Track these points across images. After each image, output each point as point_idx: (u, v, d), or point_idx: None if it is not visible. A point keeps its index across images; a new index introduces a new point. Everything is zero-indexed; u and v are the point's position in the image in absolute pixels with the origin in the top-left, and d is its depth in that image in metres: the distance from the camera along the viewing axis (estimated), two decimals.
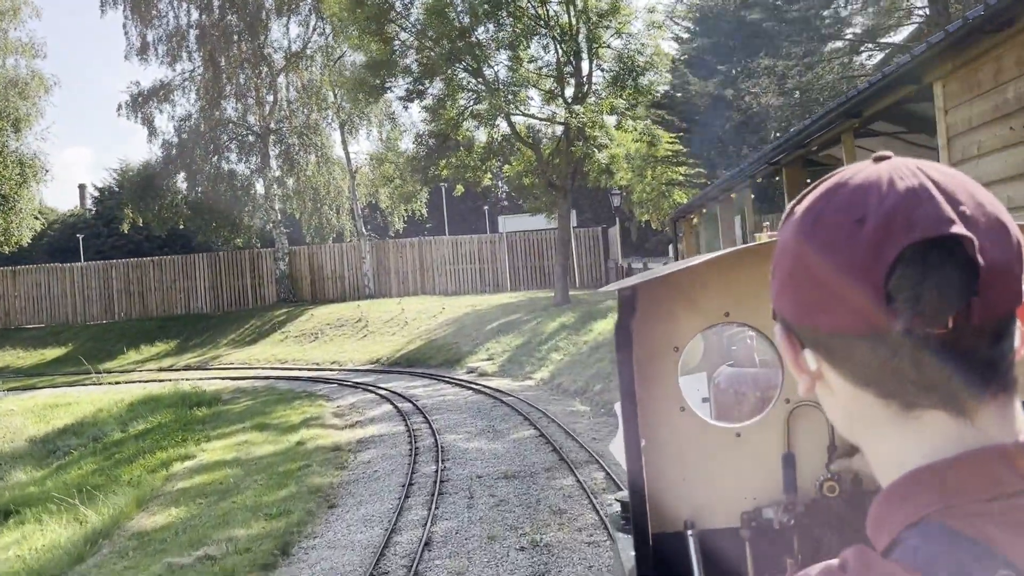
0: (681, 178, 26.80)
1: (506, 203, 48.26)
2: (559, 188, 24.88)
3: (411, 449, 11.77)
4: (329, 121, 36.63)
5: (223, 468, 11.95)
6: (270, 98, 36.07)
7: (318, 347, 28.87)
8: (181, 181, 35.64)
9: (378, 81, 25.34)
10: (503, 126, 25.02)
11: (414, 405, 15.69)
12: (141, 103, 35.41)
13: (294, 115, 36.25)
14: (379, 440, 12.96)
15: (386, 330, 28.85)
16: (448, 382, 18.77)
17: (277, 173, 36.57)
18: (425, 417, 14.16)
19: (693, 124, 29.20)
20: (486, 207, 70.09)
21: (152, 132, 35.53)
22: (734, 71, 29.71)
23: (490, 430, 12.81)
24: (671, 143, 25.45)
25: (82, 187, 60.35)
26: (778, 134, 21.78)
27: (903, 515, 0.69)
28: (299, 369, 25.06)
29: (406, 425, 13.70)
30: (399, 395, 17.09)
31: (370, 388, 18.71)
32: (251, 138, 36.21)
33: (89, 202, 54.61)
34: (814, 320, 0.73)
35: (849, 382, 0.74)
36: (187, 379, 24.40)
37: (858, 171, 0.73)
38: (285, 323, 32.26)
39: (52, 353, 33.79)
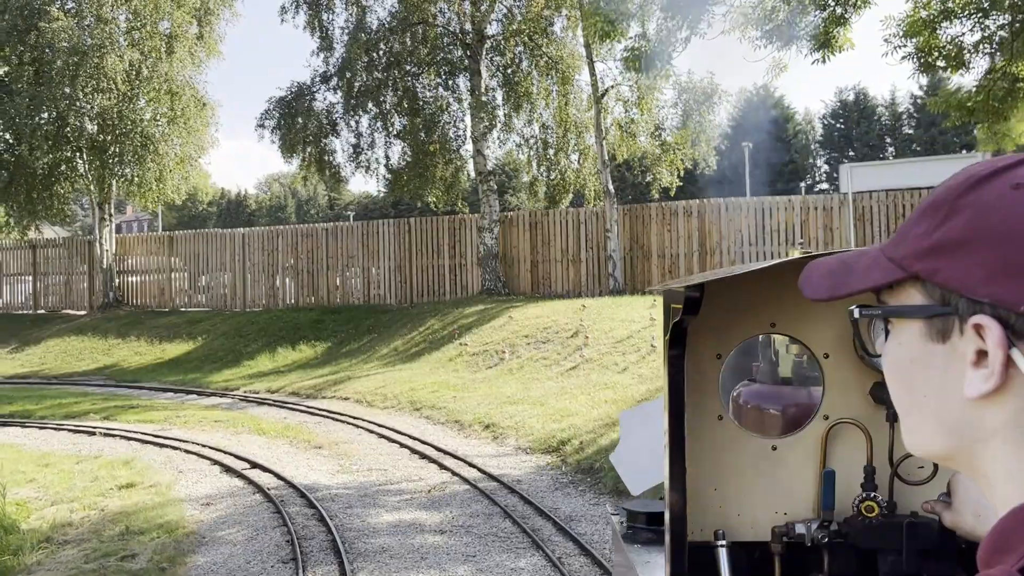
0: None
1: (853, 150, 30.95)
2: None
3: None
4: (567, 22, 21.90)
5: None
6: None
7: (492, 380, 14.59)
8: (363, 114, 22.67)
9: None
10: None
11: None
12: (314, 5, 22.87)
13: (528, 10, 21.91)
14: None
15: (612, 359, 13.86)
16: None
17: (496, 104, 22.51)
18: None
19: None
20: (801, 184, 51.82)
21: (327, 46, 22.91)
22: None
23: None
24: None
25: None
26: None
27: None
28: (406, 440, 10.92)
29: None
30: None
31: None
32: (458, 52, 22.46)
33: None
34: None
35: None
36: (214, 449, 11.04)
37: None
38: (471, 329, 18.24)
39: (173, 351, 22.40)
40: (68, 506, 8.45)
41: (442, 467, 9.35)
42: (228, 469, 9.52)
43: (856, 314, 0.74)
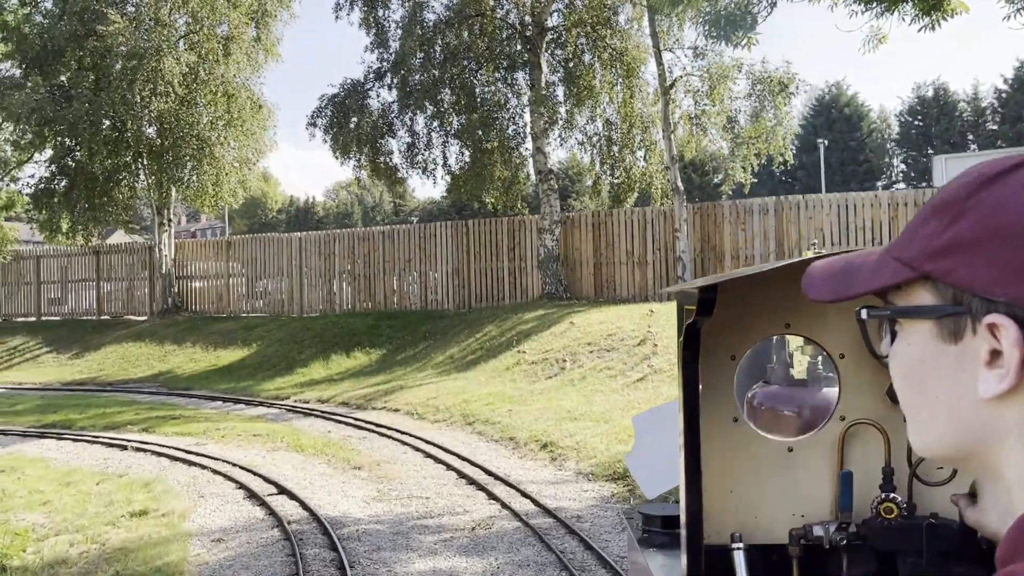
0: None
1: (933, 148, 29.07)
2: None
3: None
4: (632, 11, 20.53)
5: None
6: None
7: (551, 392, 13.36)
8: (419, 113, 21.62)
9: None
10: None
11: None
12: (369, 0, 21.91)
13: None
14: None
15: None
16: None
17: (557, 100, 21.21)
18: None
19: None
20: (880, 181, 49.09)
21: (381, 42, 21.93)
22: None
23: None
24: None
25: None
26: None
27: None
28: (454, 461, 9.77)
29: None
30: None
31: None
32: (517, 46, 21.25)
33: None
34: None
35: None
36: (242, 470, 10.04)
37: None
38: (529, 335, 17.00)
39: (228, 357, 21.67)
40: (70, 537, 7.44)
41: (491, 496, 8.07)
42: (252, 495, 8.41)
43: (863, 315, 0.71)
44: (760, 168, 20.64)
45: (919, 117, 55.92)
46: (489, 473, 9.02)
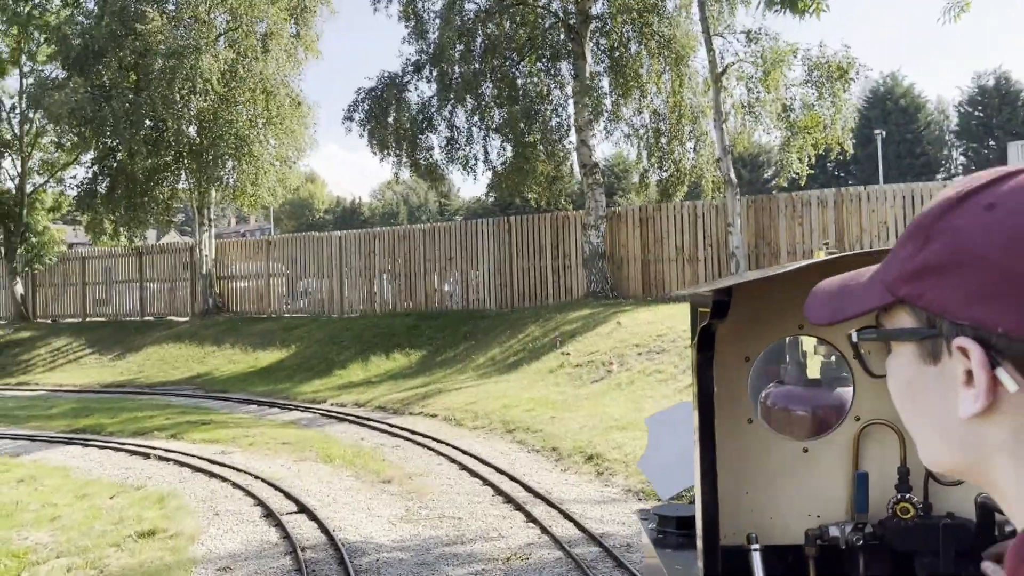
0: None
1: (994, 139, 27.90)
2: None
3: None
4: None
5: None
6: None
7: (597, 397, 12.53)
8: (459, 106, 20.85)
9: None
10: None
11: None
12: None
13: None
14: None
15: None
16: None
17: (603, 92, 20.23)
18: None
19: None
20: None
21: (419, 33, 21.22)
22: None
23: None
24: None
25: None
26: None
27: None
28: (492, 474, 9.00)
29: None
30: None
31: None
32: (560, 35, 20.35)
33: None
34: None
35: None
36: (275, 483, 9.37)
37: None
38: (574, 336, 16.16)
39: (266, 359, 21.16)
40: (70, 560, 6.80)
41: (529, 518, 7.24)
42: (269, 514, 7.69)
43: (854, 338, 0.74)
44: (815, 160, 19.47)
45: (979, 107, 53.61)
46: (529, 489, 8.19)
